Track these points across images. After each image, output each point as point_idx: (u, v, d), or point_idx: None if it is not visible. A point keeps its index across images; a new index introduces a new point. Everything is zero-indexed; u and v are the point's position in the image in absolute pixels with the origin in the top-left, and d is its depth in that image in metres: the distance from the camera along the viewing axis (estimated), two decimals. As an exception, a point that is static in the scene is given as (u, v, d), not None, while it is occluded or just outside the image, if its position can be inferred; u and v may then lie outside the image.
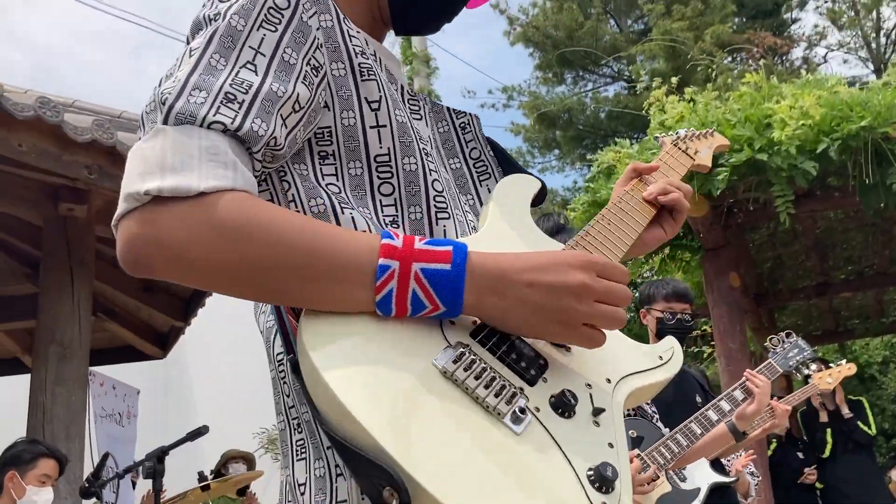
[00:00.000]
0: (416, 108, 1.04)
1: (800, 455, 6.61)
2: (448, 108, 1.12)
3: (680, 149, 1.36)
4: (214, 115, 0.81)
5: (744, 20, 18.03)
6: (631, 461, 2.25)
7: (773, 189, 4.50)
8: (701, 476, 2.95)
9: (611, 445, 0.81)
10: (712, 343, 6.66)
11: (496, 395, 0.78)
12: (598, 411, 0.84)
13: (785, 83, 5.11)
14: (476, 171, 1.09)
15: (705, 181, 4.55)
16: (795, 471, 6.46)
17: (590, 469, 0.77)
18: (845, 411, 6.45)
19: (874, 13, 17.74)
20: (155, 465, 3.08)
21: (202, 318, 5.72)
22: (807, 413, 6.88)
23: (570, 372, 0.87)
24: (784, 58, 17.12)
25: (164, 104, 0.82)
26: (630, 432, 2.40)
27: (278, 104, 0.85)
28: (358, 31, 0.99)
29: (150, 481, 3.11)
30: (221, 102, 0.82)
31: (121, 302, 5.61)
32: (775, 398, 3.40)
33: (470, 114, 1.13)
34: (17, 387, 5.10)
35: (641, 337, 3.29)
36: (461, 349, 0.81)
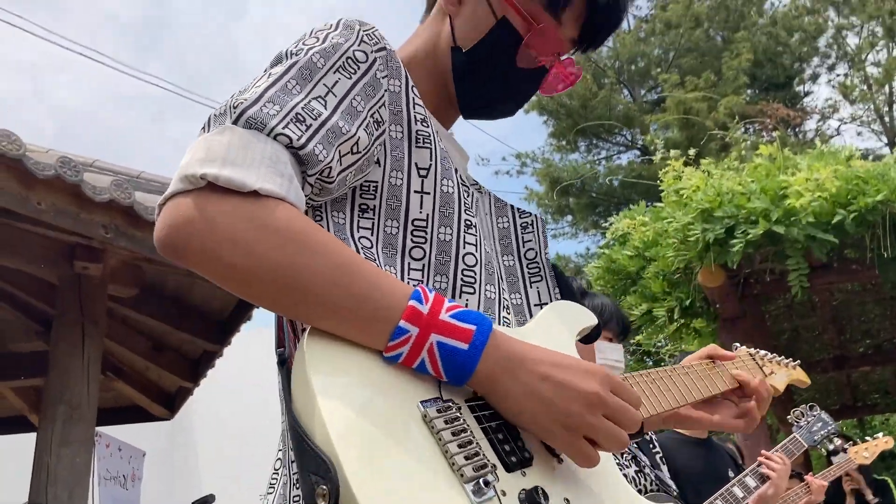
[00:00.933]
0: (468, 195, 1.06)
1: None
2: (512, 206, 1.16)
3: (756, 361, 1.43)
4: (283, 129, 0.84)
5: (756, 92, 18.27)
6: None
7: (788, 262, 4.47)
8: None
9: None
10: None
11: (466, 458, 0.77)
12: None
13: (799, 155, 5.13)
14: (529, 272, 1.11)
15: (721, 252, 4.52)
16: None
17: None
18: (869, 497, 6.19)
19: (886, 87, 17.92)
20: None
21: (211, 379, 5.68)
22: (833, 495, 6.66)
23: (552, 480, 0.84)
24: (797, 129, 17.27)
25: (236, 108, 0.85)
26: None
27: (340, 139, 0.88)
28: (422, 102, 1.02)
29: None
30: (291, 120, 0.85)
31: (130, 361, 5.57)
32: (811, 473, 3.30)
33: (535, 215, 1.17)
34: (23, 445, 5.05)
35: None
36: (450, 405, 0.81)
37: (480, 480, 0.75)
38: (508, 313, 1.02)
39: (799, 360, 1.63)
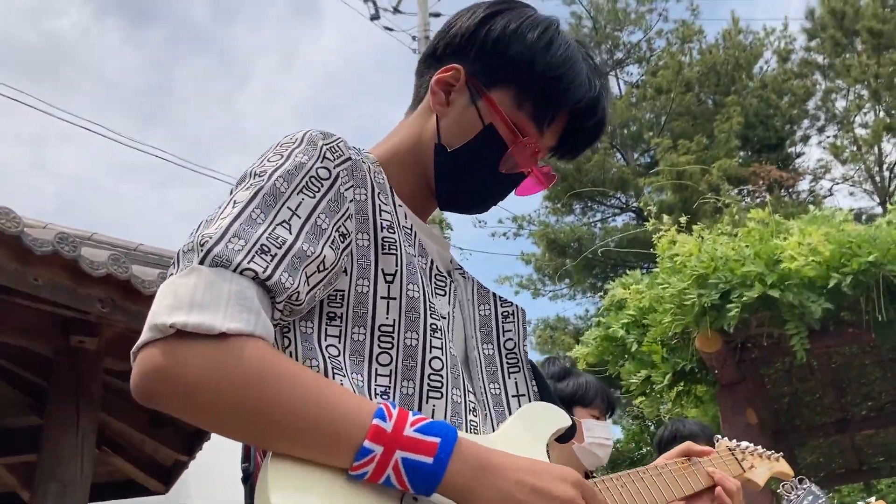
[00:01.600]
0: (443, 284, 1.09)
1: None
2: (494, 295, 1.18)
3: (734, 456, 1.42)
4: (248, 263, 0.87)
5: (749, 154, 18.52)
6: None
7: (787, 327, 4.48)
8: None
9: None
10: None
11: None
12: None
13: (792, 218, 5.19)
14: (508, 362, 1.13)
15: (717, 317, 4.53)
16: None
17: None
18: None
19: (875, 148, 18.19)
20: None
21: (206, 452, 5.60)
22: None
23: None
24: (790, 190, 17.46)
25: (202, 246, 0.87)
26: None
27: (305, 262, 0.91)
28: (393, 206, 1.05)
29: None
30: (256, 252, 0.88)
31: (125, 435, 5.50)
32: None
33: (517, 305, 1.18)
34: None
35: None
36: None
37: None
38: (476, 416, 1.03)
39: (782, 453, 1.62)
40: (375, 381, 0.96)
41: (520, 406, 1.06)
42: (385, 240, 1.01)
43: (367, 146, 1.17)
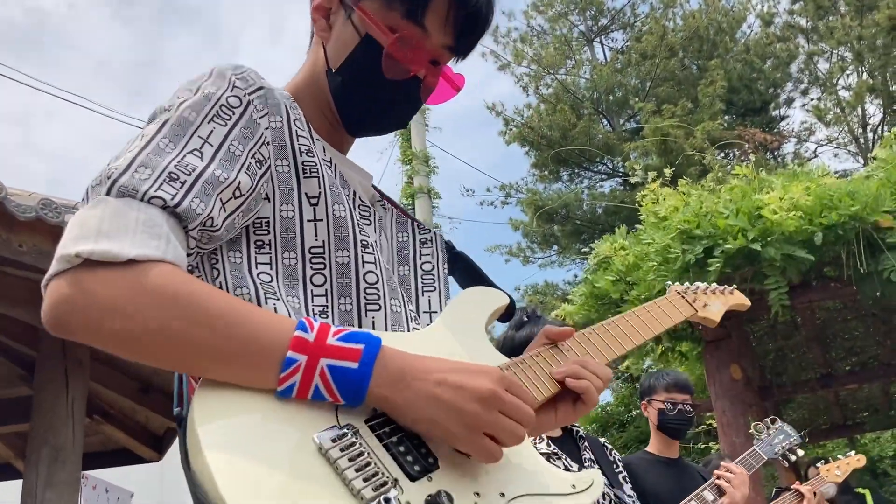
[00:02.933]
0: (367, 214, 1.09)
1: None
2: (413, 221, 1.19)
3: (685, 299, 1.38)
4: (155, 191, 0.86)
5: (734, 117, 18.54)
6: None
7: (767, 282, 4.52)
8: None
9: None
10: (719, 440, 6.54)
11: (365, 480, 0.78)
12: None
13: (774, 175, 5.22)
14: (423, 282, 1.14)
15: (700, 273, 4.58)
16: None
17: None
18: None
19: (858, 109, 18.24)
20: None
21: (198, 419, 5.62)
22: None
23: (461, 477, 0.85)
24: (775, 153, 17.51)
25: (109, 178, 0.86)
26: None
27: (219, 188, 0.90)
28: (310, 136, 1.04)
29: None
30: (164, 181, 0.87)
31: (116, 404, 5.53)
32: (797, 483, 3.33)
33: (435, 232, 1.19)
34: (8, 493, 4.98)
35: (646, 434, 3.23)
36: (346, 430, 0.82)
37: (381, 498, 0.77)
38: (418, 324, 1.05)
39: (735, 286, 1.57)
40: (312, 301, 0.97)
41: (431, 322, 1.07)
42: (305, 164, 1.01)
43: None
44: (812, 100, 19.19)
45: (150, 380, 5.32)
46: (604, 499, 2.37)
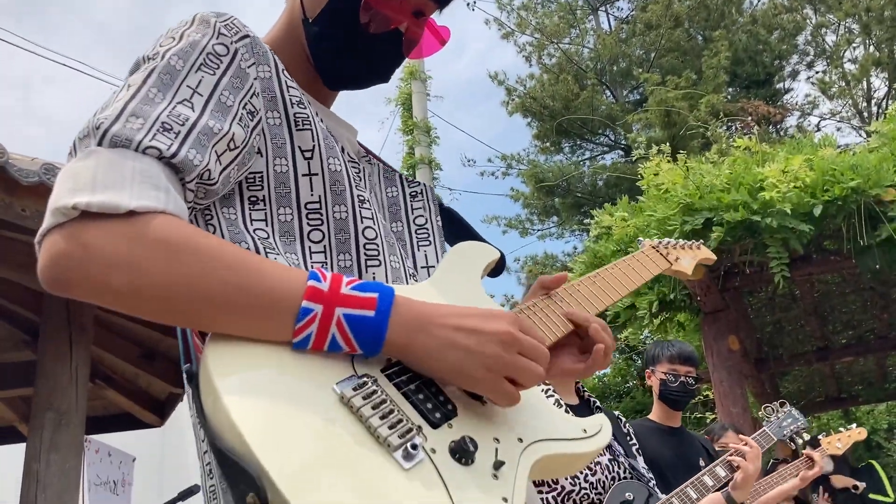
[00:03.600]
0: (357, 171, 1.05)
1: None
2: (401, 176, 1.16)
3: (659, 252, 1.41)
4: (150, 141, 0.82)
5: (737, 90, 18.42)
6: None
7: (768, 251, 4.54)
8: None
9: (504, 500, 0.80)
10: (716, 412, 6.61)
11: (390, 428, 0.78)
12: (499, 464, 0.82)
13: (774, 147, 5.22)
14: (417, 237, 1.12)
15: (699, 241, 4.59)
16: None
17: None
18: (851, 487, 6.06)
19: (864, 83, 18.12)
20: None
21: (200, 385, 5.67)
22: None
23: (479, 423, 0.86)
24: (778, 126, 17.43)
25: (98, 129, 0.82)
26: (626, 495, 2.38)
27: (213, 140, 0.87)
28: (296, 85, 1.00)
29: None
30: (158, 130, 0.83)
31: (119, 369, 5.58)
32: (808, 448, 3.39)
33: (423, 184, 1.17)
34: (12, 456, 5.04)
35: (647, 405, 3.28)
36: (365, 379, 0.81)
37: (408, 445, 0.77)
38: (416, 280, 1.04)
39: (702, 241, 1.61)
40: (311, 258, 0.94)
41: (430, 277, 1.06)
42: (297, 116, 0.97)
43: None
44: (817, 72, 19.06)
45: (153, 346, 5.36)
46: (619, 466, 2.40)
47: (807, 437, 3.06)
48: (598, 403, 2.49)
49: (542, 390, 2.20)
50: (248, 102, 0.94)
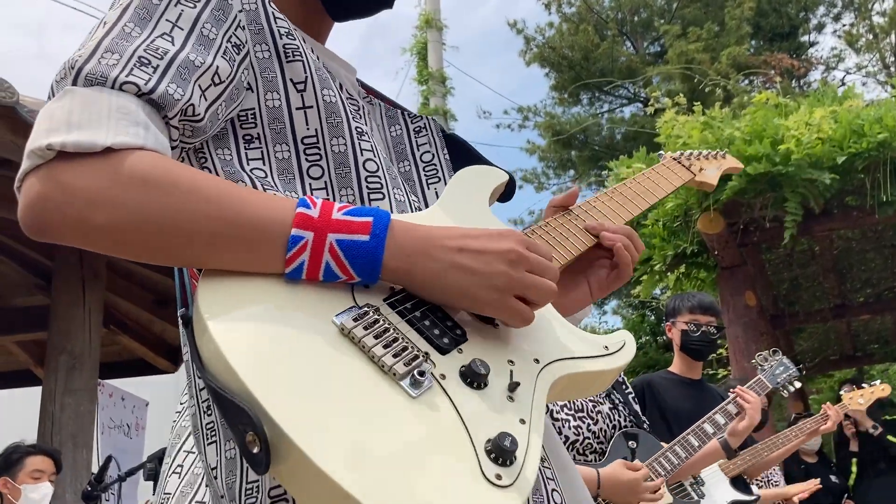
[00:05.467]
0: (356, 108, 1.02)
1: (833, 478, 6.38)
2: (403, 113, 1.11)
3: (681, 163, 1.35)
4: (127, 76, 0.79)
5: (760, 43, 18.03)
6: (638, 471, 2.22)
7: (786, 205, 4.46)
8: (720, 493, 2.91)
9: (522, 421, 0.76)
10: (729, 368, 6.59)
11: (395, 356, 0.74)
12: (514, 386, 0.79)
13: (797, 98, 5.10)
14: (426, 175, 1.08)
15: (717, 192, 4.52)
16: (830, 494, 6.23)
17: (488, 440, 0.72)
18: (870, 428, 6.08)
19: (892, 37, 17.68)
20: (157, 466, 3.02)
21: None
22: (839, 440, 6.69)
23: (491, 346, 0.82)
24: (801, 80, 17.09)
25: (73, 68, 0.79)
26: (630, 443, 2.38)
27: (196, 73, 0.83)
28: (287, 22, 0.97)
29: (150, 484, 3.07)
30: (135, 65, 0.80)
31: (133, 315, 5.62)
32: (827, 404, 3.39)
33: (426, 117, 1.12)
34: (29, 399, 5.11)
35: (668, 362, 3.27)
36: (366, 309, 0.78)
37: (415, 373, 0.73)
38: (413, 197, 1.01)
39: (727, 150, 1.56)
40: (312, 195, 0.90)
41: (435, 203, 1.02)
42: (287, 47, 0.94)
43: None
44: (844, 25, 18.60)
45: (167, 292, 5.38)
46: (619, 415, 2.39)
47: (798, 385, 3.05)
48: None
49: None
50: (233, 35, 0.90)
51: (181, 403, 1.00)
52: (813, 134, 4.34)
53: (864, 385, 3.91)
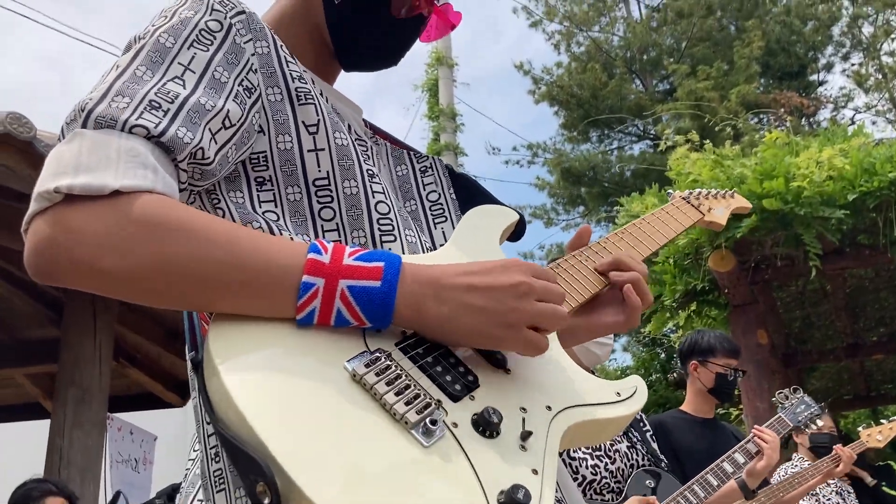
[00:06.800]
0: (364, 148, 1.02)
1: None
2: (409, 152, 1.12)
3: (690, 203, 1.35)
4: (137, 120, 0.79)
5: (770, 81, 18.13)
6: None
7: (804, 237, 4.45)
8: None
9: (535, 472, 0.75)
10: (740, 406, 6.51)
11: (407, 404, 0.73)
12: (526, 435, 0.77)
13: (807, 137, 5.12)
14: (432, 214, 1.08)
15: (728, 231, 4.51)
16: None
17: (501, 491, 0.71)
18: (866, 478, 5.98)
19: (901, 76, 17.75)
20: (165, 502, 3.01)
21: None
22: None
23: (503, 393, 0.81)
24: (811, 119, 17.15)
25: (83, 110, 0.79)
26: (647, 482, 2.35)
27: (206, 117, 0.83)
28: (298, 64, 0.98)
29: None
30: (145, 109, 0.80)
31: (143, 348, 5.61)
32: (838, 445, 3.33)
33: (432, 157, 1.13)
34: (37, 432, 5.09)
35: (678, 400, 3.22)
36: (378, 354, 0.77)
37: (427, 421, 0.73)
38: (424, 238, 1.01)
39: (736, 189, 1.54)
40: (324, 237, 0.90)
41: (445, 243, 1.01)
42: (299, 90, 0.94)
43: None
44: (853, 65, 18.70)
45: (176, 325, 5.38)
46: (637, 454, 2.36)
47: (821, 423, 2.98)
48: None
49: None
50: (245, 79, 0.90)
51: (194, 450, 0.99)
52: (824, 173, 4.34)
53: (882, 421, 3.82)
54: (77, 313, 4.28)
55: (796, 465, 3.97)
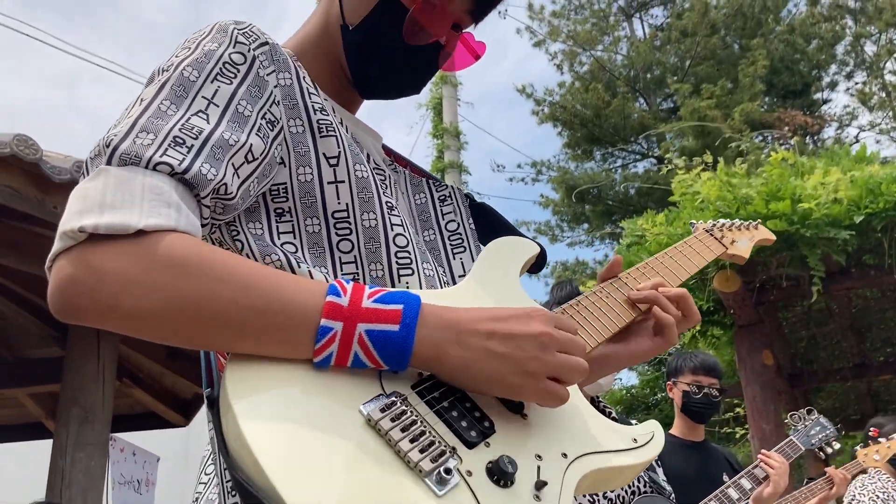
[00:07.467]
0: (383, 178, 1.02)
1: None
2: (429, 181, 1.12)
3: (713, 236, 1.35)
4: (161, 157, 0.79)
5: (774, 100, 18.16)
6: None
7: (808, 259, 4.43)
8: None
9: None
10: (746, 426, 6.47)
11: (421, 451, 0.72)
12: (541, 485, 0.76)
13: (812, 157, 5.12)
14: (451, 244, 1.08)
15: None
16: None
17: None
18: None
19: (905, 95, 17.76)
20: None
21: (226, 386, 5.67)
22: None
23: (519, 439, 0.81)
24: (815, 137, 17.15)
25: (108, 146, 0.80)
26: None
27: (229, 152, 0.84)
28: (319, 94, 0.98)
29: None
30: (169, 145, 0.80)
31: (145, 368, 5.60)
32: (832, 467, 3.28)
33: (451, 186, 1.13)
34: (39, 452, 5.07)
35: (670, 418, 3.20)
36: (394, 398, 0.76)
37: (441, 470, 0.72)
38: (441, 271, 1.00)
39: (760, 220, 1.56)
40: (341, 270, 0.91)
41: (465, 276, 1.01)
42: (321, 122, 0.94)
43: None
44: (856, 83, 18.72)
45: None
46: (638, 480, 2.34)
47: (837, 445, 2.93)
48: (613, 414, 2.43)
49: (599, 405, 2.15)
50: (268, 111, 0.91)
51: (205, 474, 0.99)
52: (830, 194, 4.34)
53: (881, 439, 3.75)
54: (81, 333, 4.27)
55: (874, 479, 3.80)
